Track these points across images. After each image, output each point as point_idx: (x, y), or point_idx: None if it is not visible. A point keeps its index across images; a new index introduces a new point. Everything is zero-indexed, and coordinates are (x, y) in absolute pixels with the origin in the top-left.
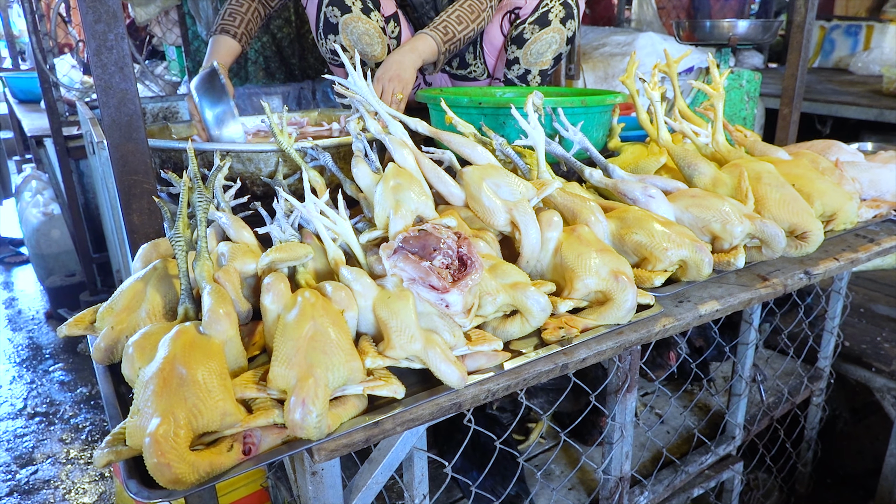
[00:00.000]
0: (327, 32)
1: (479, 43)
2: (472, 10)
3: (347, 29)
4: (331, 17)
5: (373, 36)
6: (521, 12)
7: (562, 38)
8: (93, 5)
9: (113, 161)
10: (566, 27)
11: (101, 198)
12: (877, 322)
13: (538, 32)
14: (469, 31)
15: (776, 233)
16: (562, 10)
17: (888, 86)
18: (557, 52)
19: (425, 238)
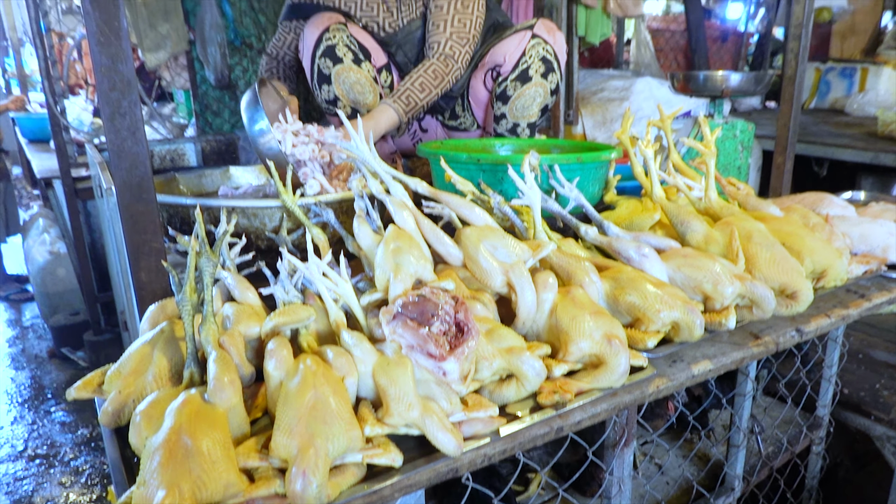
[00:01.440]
0: (321, 82)
1: (466, 97)
2: (435, 76)
3: (339, 79)
4: (324, 69)
5: (364, 85)
6: (501, 69)
7: (545, 91)
8: (108, 74)
9: (123, 221)
10: (548, 80)
11: (107, 239)
12: (875, 368)
13: (521, 88)
14: (432, 96)
15: (766, 294)
16: (541, 65)
17: (883, 128)
18: (543, 104)
19: (424, 303)
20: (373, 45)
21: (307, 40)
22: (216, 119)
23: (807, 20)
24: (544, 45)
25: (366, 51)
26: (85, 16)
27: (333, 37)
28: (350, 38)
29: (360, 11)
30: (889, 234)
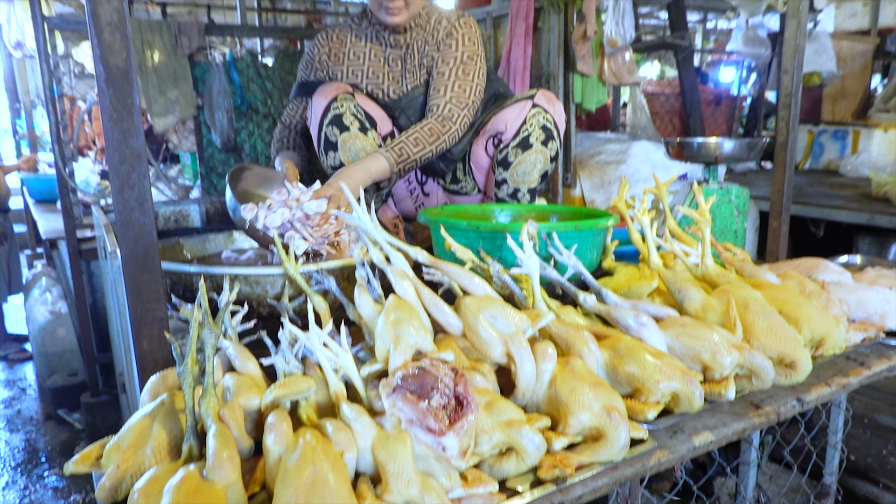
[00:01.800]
0: (328, 150)
1: (468, 163)
2: (430, 134)
3: (346, 146)
4: (331, 136)
5: (369, 152)
6: (503, 137)
7: (545, 158)
8: (119, 148)
9: (127, 289)
10: (548, 147)
11: (108, 300)
12: (881, 434)
13: (521, 155)
14: (426, 152)
15: (764, 365)
16: (542, 133)
17: (877, 190)
18: (543, 170)
19: (423, 376)
20: (379, 114)
21: (315, 109)
22: (221, 181)
23: (796, 89)
24: (544, 113)
25: (372, 119)
26: (99, 93)
27: (341, 106)
28: (357, 107)
29: (366, 80)
30: (886, 300)
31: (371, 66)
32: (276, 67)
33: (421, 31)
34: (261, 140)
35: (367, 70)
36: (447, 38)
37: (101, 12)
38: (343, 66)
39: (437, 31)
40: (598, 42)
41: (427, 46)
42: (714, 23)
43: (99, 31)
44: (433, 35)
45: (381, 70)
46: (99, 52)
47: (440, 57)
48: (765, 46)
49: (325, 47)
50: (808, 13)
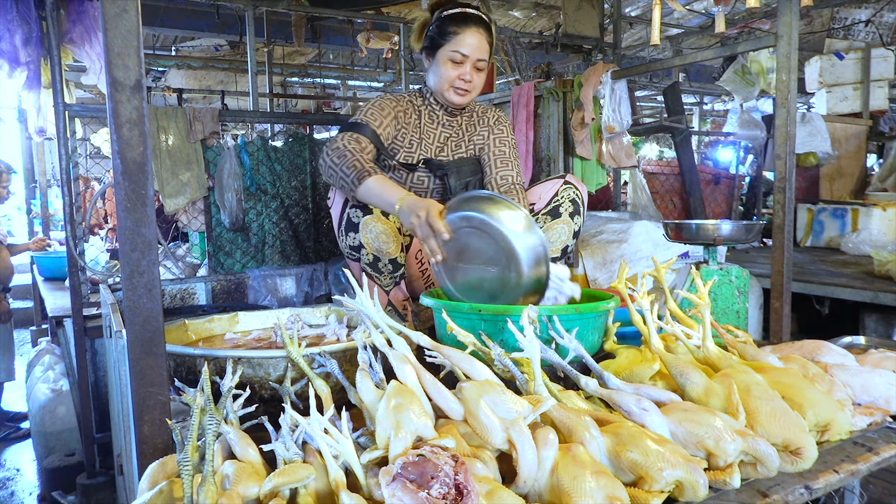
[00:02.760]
0: (349, 230)
1: None
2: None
3: (367, 228)
4: (353, 217)
5: (389, 235)
6: (534, 207)
7: (570, 231)
8: (131, 237)
9: (132, 373)
10: (574, 221)
11: (111, 379)
12: None
13: (550, 222)
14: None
15: (769, 452)
16: (570, 205)
17: (879, 268)
18: (565, 243)
19: (423, 464)
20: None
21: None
22: (228, 259)
23: (789, 174)
24: (575, 189)
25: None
26: (115, 184)
27: None
28: None
29: (419, 150)
30: (890, 384)
31: (425, 141)
32: (285, 150)
33: (472, 117)
34: (268, 220)
35: (422, 143)
36: (497, 124)
37: (121, 111)
38: (408, 133)
39: (487, 118)
40: (597, 127)
41: (478, 127)
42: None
43: (119, 128)
44: (483, 120)
45: (433, 146)
46: (118, 147)
47: (496, 138)
48: (760, 129)
49: (401, 107)
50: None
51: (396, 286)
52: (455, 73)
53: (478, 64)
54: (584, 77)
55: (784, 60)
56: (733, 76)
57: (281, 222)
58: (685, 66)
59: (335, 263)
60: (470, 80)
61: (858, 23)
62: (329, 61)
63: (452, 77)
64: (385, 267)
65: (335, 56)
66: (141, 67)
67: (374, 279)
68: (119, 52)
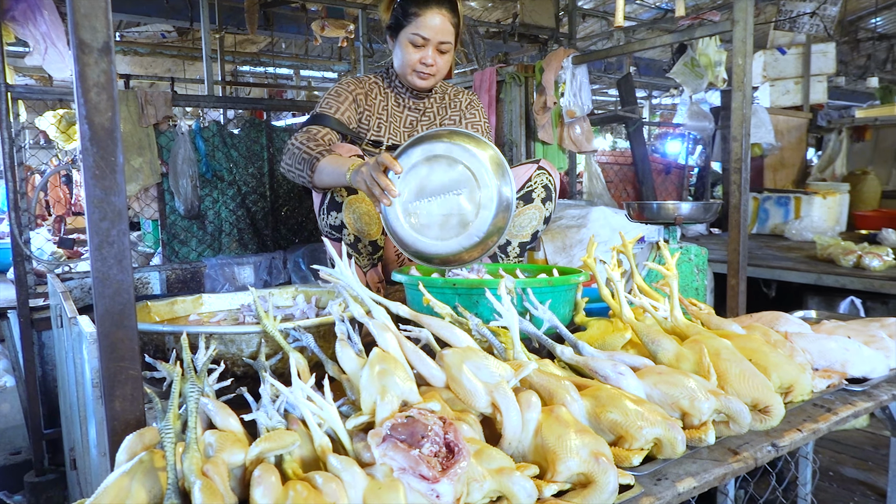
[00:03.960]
0: (331, 209)
1: None
2: None
3: (350, 208)
4: (337, 197)
5: (371, 216)
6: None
7: (541, 216)
8: (100, 205)
9: (101, 348)
10: (545, 207)
11: (62, 371)
12: (847, 486)
13: (522, 207)
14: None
15: (741, 409)
16: (543, 191)
17: (822, 252)
18: (536, 228)
19: (413, 425)
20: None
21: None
22: (183, 248)
23: (745, 155)
24: (548, 175)
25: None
26: (83, 151)
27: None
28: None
29: (388, 135)
30: (846, 349)
31: (392, 124)
32: (242, 136)
33: (441, 101)
34: (224, 207)
35: (390, 126)
36: (470, 108)
37: (88, 74)
38: (373, 115)
39: (458, 101)
40: (558, 112)
41: (449, 111)
42: (659, 99)
43: (86, 92)
44: (454, 103)
45: (400, 129)
46: (85, 112)
47: (468, 123)
48: (708, 120)
49: (362, 90)
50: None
51: (373, 268)
52: (416, 56)
53: (441, 46)
54: (545, 62)
55: (740, 45)
56: (683, 68)
57: (238, 210)
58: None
59: (294, 251)
60: (432, 64)
61: (803, 15)
62: (282, 50)
63: (414, 61)
64: (365, 248)
65: (288, 45)
66: (109, 29)
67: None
68: (86, 13)
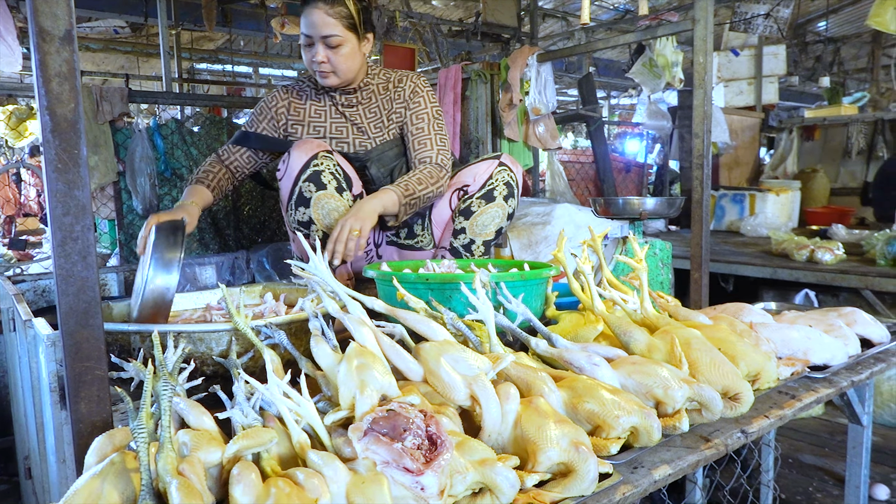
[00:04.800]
0: (299, 205)
1: (428, 216)
2: (430, 176)
3: (319, 204)
4: (305, 192)
5: (341, 212)
6: (469, 189)
7: (504, 213)
8: (63, 199)
9: (66, 347)
10: (508, 204)
11: (13, 377)
12: (805, 472)
13: (484, 206)
14: (428, 191)
15: (713, 396)
16: (505, 189)
17: (776, 247)
18: (499, 225)
19: (394, 418)
20: (354, 175)
21: (293, 163)
22: None
23: (706, 151)
24: (509, 172)
25: (349, 179)
26: (44, 143)
27: (321, 163)
28: (336, 166)
29: (328, 136)
30: (807, 337)
31: (334, 123)
32: (202, 134)
33: (383, 92)
34: None
35: (329, 126)
36: (414, 95)
37: (50, 63)
38: (304, 121)
39: (402, 90)
40: (523, 110)
41: (393, 103)
42: (617, 100)
43: (47, 82)
44: (399, 93)
45: (344, 126)
46: (46, 103)
47: (412, 114)
48: (666, 119)
49: (285, 100)
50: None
51: (343, 264)
52: (308, 55)
53: (328, 41)
54: (510, 59)
55: (700, 43)
56: (641, 69)
57: None
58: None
59: (257, 251)
60: (324, 61)
61: (758, 16)
62: (240, 48)
63: (308, 60)
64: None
65: (247, 42)
66: (71, 17)
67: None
68: (46, 0)
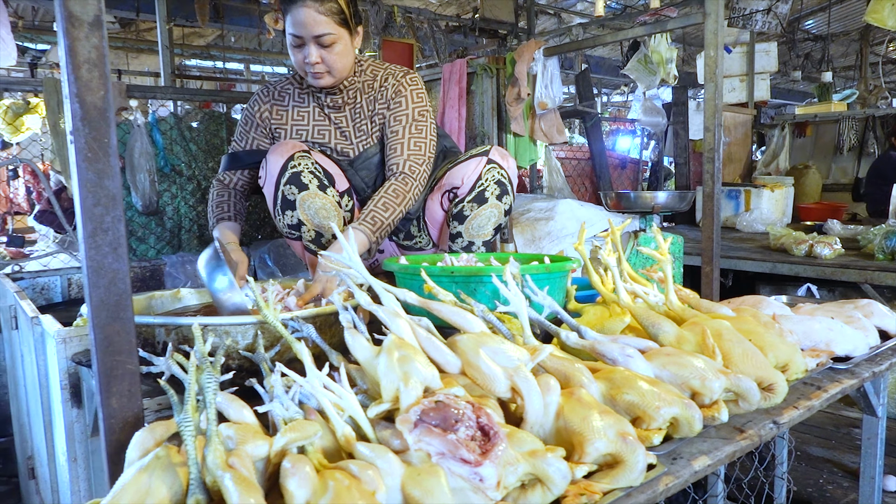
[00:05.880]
0: (285, 209)
1: (422, 218)
2: (396, 194)
3: (305, 204)
4: (288, 195)
5: (329, 210)
6: (458, 192)
7: (500, 212)
8: (94, 190)
9: (96, 342)
10: (503, 202)
11: (13, 375)
12: (815, 464)
13: (477, 209)
14: (396, 214)
15: (750, 386)
16: (497, 188)
17: (775, 242)
18: (497, 223)
19: (444, 410)
20: (335, 170)
21: (270, 168)
22: (141, 245)
23: (717, 146)
24: (499, 169)
25: (330, 176)
26: (74, 132)
27: (298, 164)
28: (315, 164)
29: (311, 139)
30: (829, 329)
31: (317, 126)
32: (201, 129)
33: (368, 90)
34: (184, 203)
35: (312, 130)
36: (396, 96)
37: (79, 49)
38: (287, 125)
39: (386, 90)
40: (528, 104)
41: (376, 104)
42: (608, 97)
43: (76, 69)
44: (381, 93)
45: (327, 129)
46: (76, 90)
47: (391, 115)
48: (661, 115)
49: (267, 104)
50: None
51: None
52: (300, 56)
53: (320, 40)
54: (517, 53)
55: (711, 37)
56: (637, 65)
57: (198, 205)
58: (590, 53)
59: (259, 247)
60: (317, 62)
61: (757, 12)
62: (231, 44)
63: (299, 62)
64: (329, 242)
65: (238, 38)
66: (100, 2)
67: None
68: None
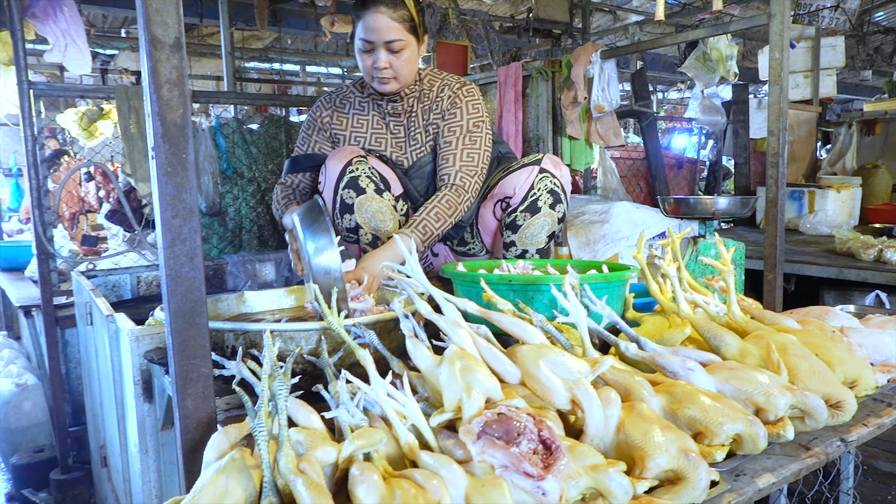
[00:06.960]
0: (343, 212)
1: (476, 226)
2: (448, 206)
3: (362, 208)
4: (347, 199)
5: (385, 213)
6: (511, 201)
7: (553, 220)
8: (172, 203)
9: (174, 346)
10: (556, 210)
11: (87, 368)
12: (882, 479)
13: (530, 219)
14: (446, 225)
15: (818, 404)
16: (549, 196)
17: (841, 246)
18: (550, 231)
19: (506, 422)
20: (391, 176)
21: (329, 173)
22: (204, 245)
23: (782, 150)
24: (552, 178)
25: (386, 181)
26: (155, 148)
27: (356, 169)
28: (372, 169)
29: (369, 147)
30: None
31: (374, 134)
32: (261, 132)
33: (424, 100)
34: (245, 204)
35: (370, 137)
36: (451, 107)
37: (161, 70)
38: (346, 131)
39: (441, 100)
40: (585, 107)
41: (431, 114)
42: (664, 94)
43: (158, 88)
44: (437, 104)
45: (384, 137)
46: (157, 109)
47: (446, 126)
48: (720, 114)
49: (329, 109)
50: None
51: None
52: (369, 62)
53: (391, 46)
54: (573, 57)
55: (777, 38)
56: (695, 62)
57: (258, 206)
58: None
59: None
60: (386, 67)
61: (824, 9)
62: (287, 46)
63: (368, 67)
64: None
65: (293, 41)
66: (180, 25)
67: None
68: (157, 8)
